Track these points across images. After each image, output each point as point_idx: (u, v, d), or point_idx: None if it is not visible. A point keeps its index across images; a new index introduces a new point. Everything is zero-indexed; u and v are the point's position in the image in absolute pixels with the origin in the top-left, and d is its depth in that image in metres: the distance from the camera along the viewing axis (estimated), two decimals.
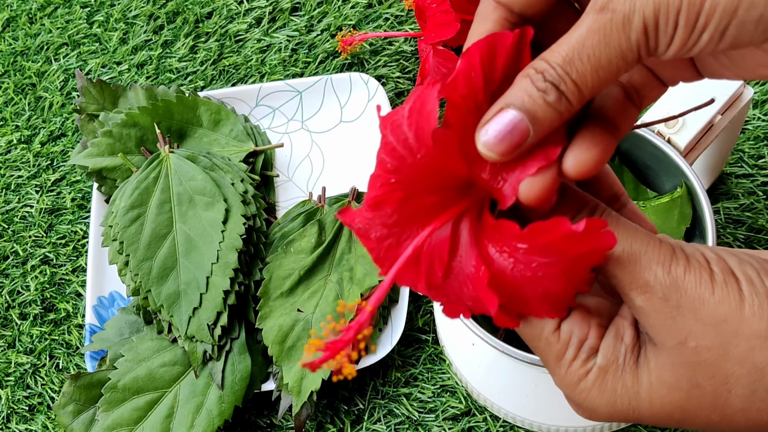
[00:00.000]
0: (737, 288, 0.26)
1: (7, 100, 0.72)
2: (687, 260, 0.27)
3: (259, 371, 0.56)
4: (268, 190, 0.64)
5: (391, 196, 0.28)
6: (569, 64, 0.25)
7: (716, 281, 0.26)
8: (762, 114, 0.61)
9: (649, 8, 0.24)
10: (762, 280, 0.26)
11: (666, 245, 0.27)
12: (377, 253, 0.29)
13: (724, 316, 0.26)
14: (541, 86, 0.26)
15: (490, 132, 0.26)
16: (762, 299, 0.26)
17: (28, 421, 0.60)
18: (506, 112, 0.26)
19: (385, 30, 0.70)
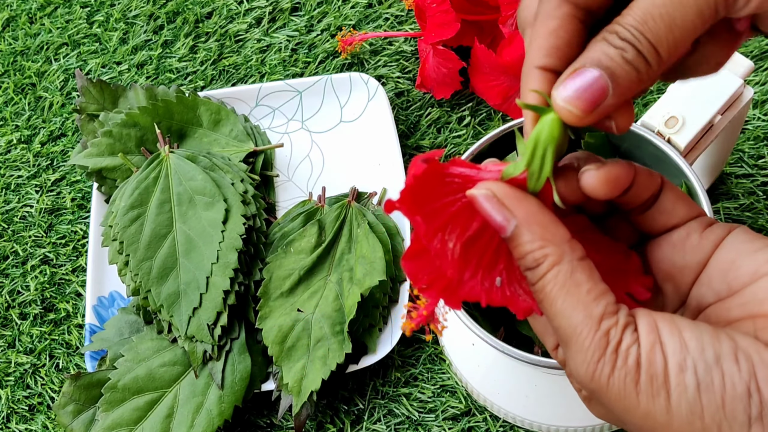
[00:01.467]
0: (666, 401, 0.24)
1: (7, 100, 0.72)
2: (614, 364, 0.24)
3: (259, 371, 0.56)
4: (268, 190, 0.64)
5: None
6: (643, 24, 0.25)
7: (641, 392, 0.24)
8: (762, 114, 0.61)
9: None
10: (698, 394, 0.24)
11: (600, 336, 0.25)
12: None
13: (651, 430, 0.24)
14: (618, 44, 0.25)
15: (569, 88, 0.25)
16: (691, 418, 0.24)
17: (28, 421, 0.60)
18: (585, 71, 0.25)
19: (385, 30, 0.70)
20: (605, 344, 0.25)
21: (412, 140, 0.65)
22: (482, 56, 0.60)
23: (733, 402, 0.24)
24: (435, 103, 0.66)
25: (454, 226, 0.27)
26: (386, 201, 0.27)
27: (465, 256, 0.27)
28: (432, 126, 0.65)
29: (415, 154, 0.65)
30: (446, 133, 0.65)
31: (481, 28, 0.63)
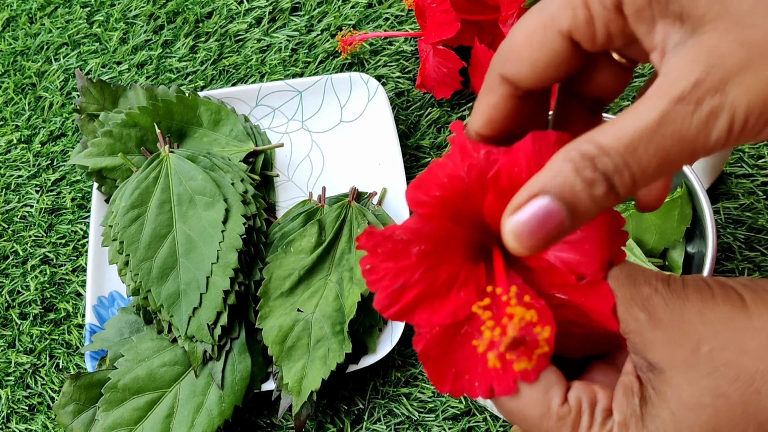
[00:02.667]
0: (735, 293, 0.25)
1: (7, 99, 0.72)
2: (683, 278, 0.26)
3: (259, 371, 0.56)
4: (268, 190, 0.64)
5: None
6: (632, 154, 0.21)
7: (714, 289, 0.26)
8: None
9: (741, 107, 0.21)
10: (756, 284, 0.26)
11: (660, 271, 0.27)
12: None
13: (730, 313, 0.25)
14: (588, 177, 0.22)
15: (522, 221, 0.23)
16: (761, 294, 0.25)
17: (28, 421, 0.60)
18: (540, 200, 0.22)
19: (385, 30, 0.70)
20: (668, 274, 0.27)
21: (412, 140, 0.65)
22: (482, 56, 0.60)
23: None
24: (435, 103, 0.66)
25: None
26: None
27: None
28: (432, 126, 0.65)
29: (415, 154, 0.65)
30: (446, 133, 0.65)
31: (482, 27, 0.63)
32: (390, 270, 0.27)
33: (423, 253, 0.27)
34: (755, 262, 0.57)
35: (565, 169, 0.22)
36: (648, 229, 0.47)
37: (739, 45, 0.21)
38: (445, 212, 0.28)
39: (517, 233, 0.23)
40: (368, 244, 0.27)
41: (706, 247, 0.44)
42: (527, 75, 0.25)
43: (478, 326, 0.28)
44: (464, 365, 0.28)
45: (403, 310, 0.27)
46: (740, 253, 0.57)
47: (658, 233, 0.47)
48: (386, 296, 0.27)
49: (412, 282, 0.27)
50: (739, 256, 0.57)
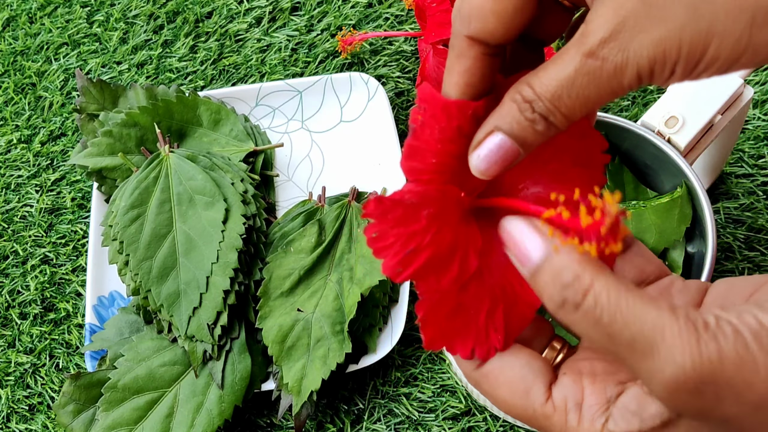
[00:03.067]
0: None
1: (7, 99, 0.72)
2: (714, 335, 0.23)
3: (259, 371, 0.56)
4: (268, 189, 0.64)
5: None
6: (558, 100, 0.25)
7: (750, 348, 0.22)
8: (762, 114, 0.61)
9: (643, 60, 0.24)
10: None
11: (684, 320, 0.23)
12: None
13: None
14: (529, 116, 0.26)
15: (482, 156, 0.27)
16: None
17: (28, 421, 0.60)
18: (495, 136, 0.26)
19: (385, 30, 0.70)
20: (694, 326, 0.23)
21: None
22: None
23: None
24: None
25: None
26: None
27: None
28: None
29: None
30: None
31: None
32: (401, 235, 0.27)
33: (432, 215, 0.27)
34: (755, 262, 0.57)
35: (512, 109, 0.26)
36: (648, 229, 0.47)
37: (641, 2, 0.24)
38: (443, 177, 0.28)
39: (479, 165, 0.27)
40: (377, 210, 0.27)
41: (706, 247, 0.44)
42: (496, 29, 0.26)
43: (473, 291, 0.28)
44: (455, 327, 0.28)
45: (416, 273, 0.27)
46: (740, 252, 0.57)
47: (658, 233, 0.47)
48: (398, 262, 0.27)
49: (424, 245, 0.27)
50: (739, 256, 0.57)
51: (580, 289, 0.24)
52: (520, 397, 0.28)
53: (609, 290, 0.24)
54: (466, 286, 0.28)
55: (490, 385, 0.29)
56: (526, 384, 0.28)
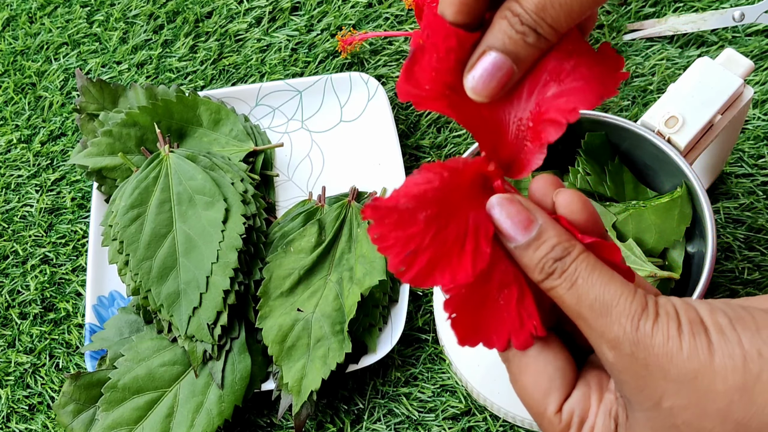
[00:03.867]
0: (706, 339, 0.25)
1: (7, 99, 0.72)
2: (656, 313, 0.26)
3: (259, 371, 0.56)
4: (268, 189, 0.64)
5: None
6: (542, 11, 0.26)
7: (683, 333, 0.25)
8: (762, 114, 0.61)
9: None
10: (733, 327, 0.25)
11: (639, 296, 0.26)
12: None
13: (695, 372, 0.25)
14: (519, 29, 0.27)
15: (477, 77, 0.27)
16: (733, 348, 0.25)
17: (28, 421, 0.60)
18: (489, 55, 0.27)
19: (385, 29, 0.70)
20: (645, 303, 0.26)
21: (412, 140, 0.65)
22: None
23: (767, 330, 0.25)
24: None
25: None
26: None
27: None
28: (432, 125, 0.65)
29: (415, 154, 0.65)
30: (446, 132, 0.65)
31: None
32: (400, 238, 0.27)
33: (430, 217, 0.27)
34: (755, 262, 0.57)
35: (502, 26, 0.27)
36: (648, 229, 0.47)
37: None
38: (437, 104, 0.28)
39: (475, 86, 0.27)
40: (374, 215, 0.27)
41: (706, 247, 0.44)
42: None
43: (498, 279, 0.28)
44: (487, 320, 0.29)
45: (420, 274, 0.27)
46: (740, 252, 0.57)
47: (658, 233, 0.47)
48: (400, 261, 0.27)
49: (424, 246, 0.27)
50: (739, 256, 0.57)
51: (569, 260, 0.27)
52: (540, 393, 0.29)
53: (587, 262, 0.27)
54: (489, 276, 0.28)
55: (519, 367, 0.29)
56: (550, 385, 0.29)
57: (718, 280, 0.57)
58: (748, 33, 0.64)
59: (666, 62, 0.64)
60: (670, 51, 0.65)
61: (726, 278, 0.57)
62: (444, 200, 0.28)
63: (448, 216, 0.28)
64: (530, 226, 0.27)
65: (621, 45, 0.66)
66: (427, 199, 0.27)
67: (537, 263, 0.27)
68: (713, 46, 0.64)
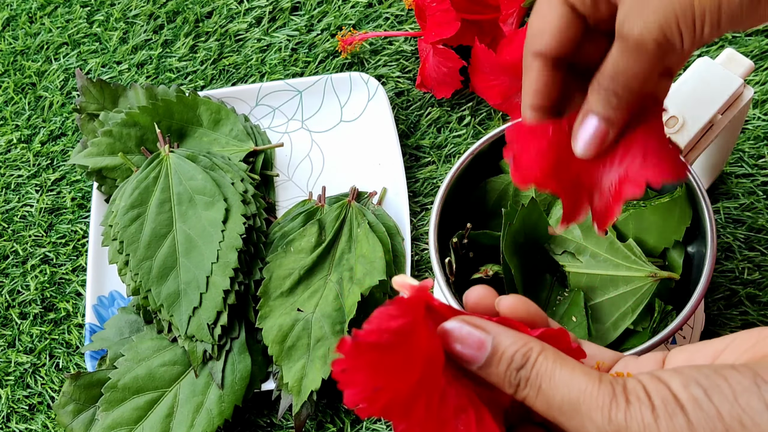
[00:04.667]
0: (684, 418, 0.24)
1: (7, 99, 0.72)
2: (626, 400, 0.25)
3: (259, 371, 0.56)
4: (268, 189, 0.64)
5: None
6: (614, 80, 0.32)
7: (659, 417, 0.25)
8: (762, 114, 0.61)
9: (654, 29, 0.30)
10: (710, 399, 0.24)
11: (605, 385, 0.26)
12: None
13: None
14: (604, 96, 0.32)
15: (583, 139, 0.33)
16: (714, 424, 0.24)
17: (28, 421, 0.60)
18: (589, 119, 0.33)
19: (385, 29, 0.70)
20: (612, 389, 0.26)
21: (412, 140, 0.65)
22: (482, 55, 0.60)
23: (744, 395, 0.24)
24: (435, 103, 0.66)
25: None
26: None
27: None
28: (432, 125, 0.65)
29: (415, 154, 0.65)
30: (446, 132, 0.65)
31: (481, 27, 0.63)
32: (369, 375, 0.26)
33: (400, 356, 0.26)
34: (755, 262, 0.57)
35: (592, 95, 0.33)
36: (648, 229, 0.47)
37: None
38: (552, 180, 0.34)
39: (583, 148, 0.33)
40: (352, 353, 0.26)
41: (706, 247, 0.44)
42: (550, 43, 0.33)
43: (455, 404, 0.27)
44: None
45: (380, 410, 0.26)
46: (740, 252, 0.57)
47: (658, 233, 0.47)
48: (362, 398, 0.26)
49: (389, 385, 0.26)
50: (739, 256, 0.57)
51: (529, 366, 0.27)
52: None
53: (547, 362, 0.27)
54: (445, 404, 0.27)
55: None
56: None
57: (718, 280, 0.57)
58: (748, 33, 0.64)
59: None
60: None
61: (726, 278, 0.57)
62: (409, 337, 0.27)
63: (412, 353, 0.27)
64: (482, 346, 0.28)
65: None
66: (401, 336, 0.26)
67: (504, 378, 0.27)
68: (713, 46, 0.64)
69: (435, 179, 0.63)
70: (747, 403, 0.24)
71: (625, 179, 0.34)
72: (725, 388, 0.25)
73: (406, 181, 0.61)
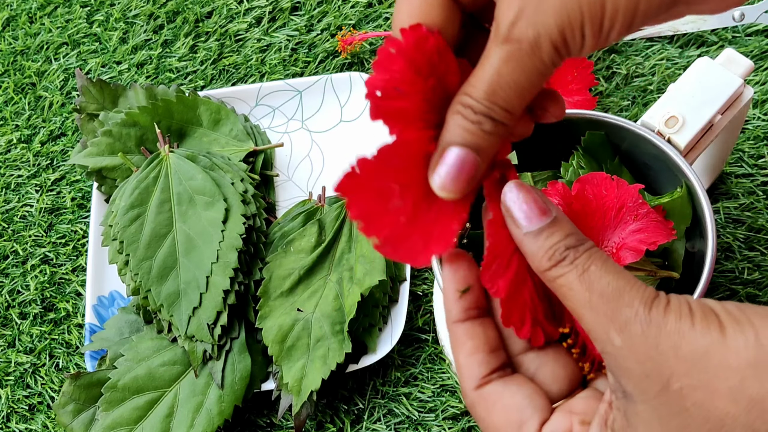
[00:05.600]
0: (717, 320, 0.25)
1: (7, 99, 0.72)
2: (668, 300, 0.26)
3: (259, 371, 0.56)
4: (268, 189, 0.64)
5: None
6: (493, 95, 0.26)
7: (695, 316, 0.25)
8: (762, 114, 0.61)
9: (553, 31, 0.25)
10: (743, 312, 0.25)
11: (650, 288, 0.26)
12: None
13: (706, 348, 0.24)
14: (474, 119, 0.27)
15: (443, 175, 0.27)
16: (744, 326, 0.24)
17: (28, 421, 0.60)
18: (450, 151, 0.27)
19: (385, 29, 0.70)
20: (656, 292, 0.26)
21: None
22: None
23: None
24: None
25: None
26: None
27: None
28: None
29: None
30: None
31: None
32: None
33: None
34: (755, 262, 0.57)
35: (457, 120, 0.27)
36: None
37: None
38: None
39: (443, 184, 0.27)
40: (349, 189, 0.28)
41: (706, 247, 0.44)
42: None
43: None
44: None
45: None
46: (740, 252, 0.57)
47: None
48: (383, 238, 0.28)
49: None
50: (739, 256, 0.57)
51: (582, 249, 0.27)
52: (514, 428, 0.28)
53: (600, 254, 0.27)
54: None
55: (485, 408, 0.29)
56: (522, 416, 0.28)
57: (718, 280, 0.57)
58: (748, 33, 0.64)
59: (666, 62, 0.64)
60: (670, 51, 0.65)
61: (726, 278, 0.57)
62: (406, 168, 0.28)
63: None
64: (546, 213, 0.28)
65: (621, 45, 0.66)
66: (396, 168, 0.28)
67: (547, 249, 0.27)
68: (713, 46, 0.64)
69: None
70: None
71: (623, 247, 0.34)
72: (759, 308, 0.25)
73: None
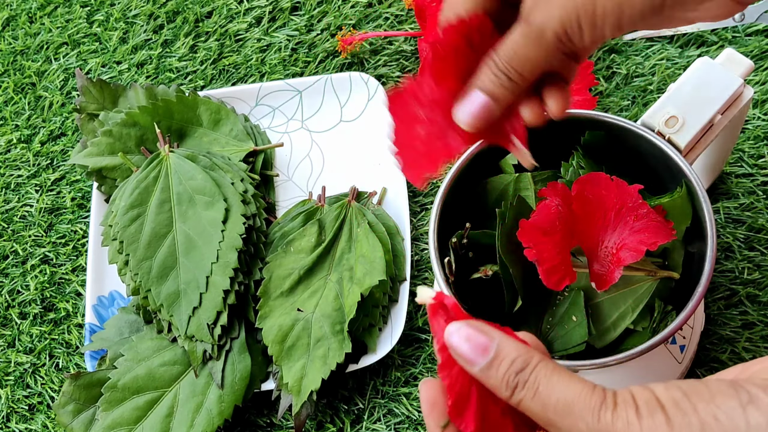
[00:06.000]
0: (663, 415, 0.26)
1: (6, 99, 0.72)
2: (615, 403, 0.27)
3: (258, 371, 0.56)
4: (268, 189, 0.64)
5: None
6: (511, 60, 0.34)
7: (642, 415, 0.27)
8: (762, 114, 0.61)
9: (556, 21, 0.32)
10: (688, 399, 0.26)
11: (598, 391, 0.28)
12: None
13: None
14: (495, 73, 0.35)
15: (465, 110, 0.36)
16: (689, 419, 0.26)
17: (28, 421, 0.60)
18: (475, 93, 0.35)
19: (385, 29, 0.70)
20: (603, 395, 0.28)
21: None
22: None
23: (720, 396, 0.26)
24: None
25: None
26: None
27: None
28: None
29: None
30: None
31: None
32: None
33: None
34: (755, 262, 0.57)
35: (484, 71, 0.35)
36: None
37: None
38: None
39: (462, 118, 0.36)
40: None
41: (706, 247, 0.44)
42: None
43: None
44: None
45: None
46: (740, 252, 0.57)
47: None
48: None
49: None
50: (739, 256, 0.57)
51: (529, 370, 0.29)
52: None
53: (546, 369, 0.29)
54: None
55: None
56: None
57: (718, 280, 0.57)
58: (748, 33, 0.64)
59: (666, 62, 0.64)
60: (670, 51, 0.65)
61: (726, 278, 0.57)
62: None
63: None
64: (486, 348, 0.29)
65: (621, 45, 0.66)
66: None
67: (501, 380, 0.29)
68: (713, 46, 0.64)
69: (435, 179, 0.63)
70: (723, 402, 0.26)
71: (623, 247, 0.37)
72: (704, 391, 0.27)
73: (406, 181, 0.61)
